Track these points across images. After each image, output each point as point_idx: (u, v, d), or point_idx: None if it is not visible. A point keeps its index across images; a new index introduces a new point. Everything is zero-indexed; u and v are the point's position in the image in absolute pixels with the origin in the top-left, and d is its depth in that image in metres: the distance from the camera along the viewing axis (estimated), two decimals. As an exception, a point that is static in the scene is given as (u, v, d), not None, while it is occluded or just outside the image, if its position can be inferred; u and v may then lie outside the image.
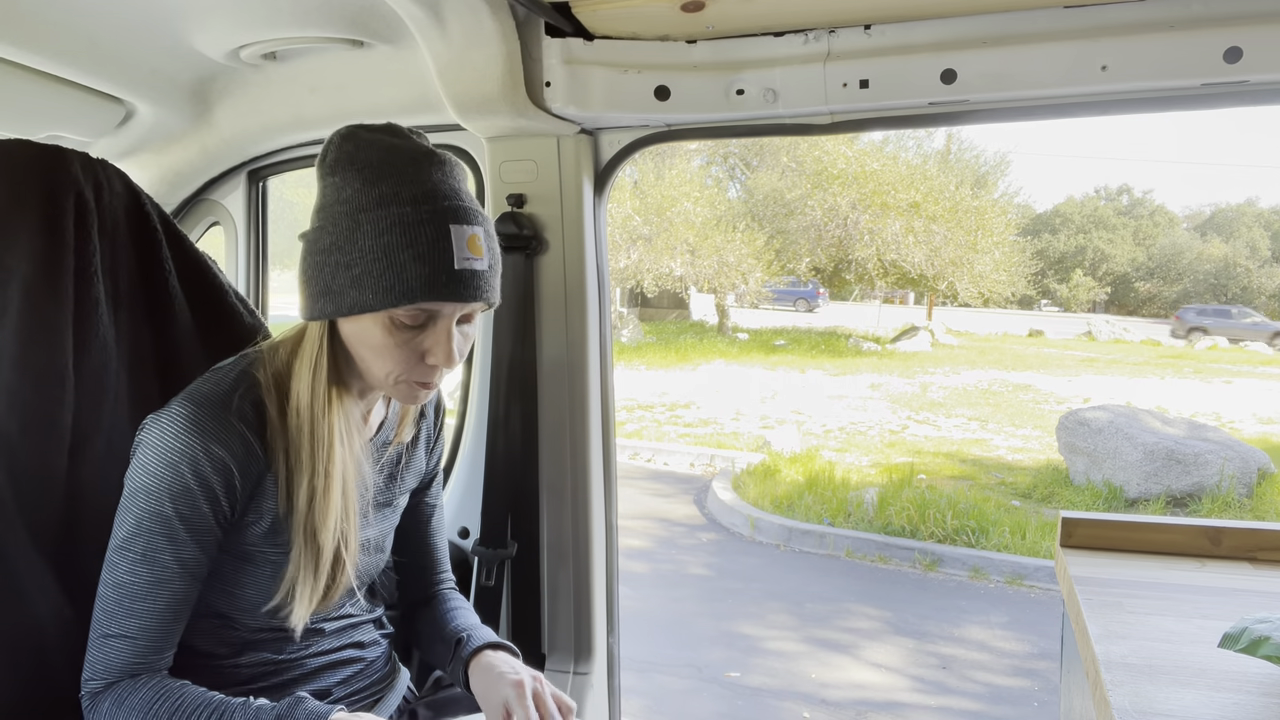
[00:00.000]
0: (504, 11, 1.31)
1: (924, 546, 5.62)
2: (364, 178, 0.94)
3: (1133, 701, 0.73)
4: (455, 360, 0.98)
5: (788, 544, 5.92)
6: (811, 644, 4.37)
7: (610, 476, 1.71)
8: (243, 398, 0.97)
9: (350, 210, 0.94)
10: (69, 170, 1.10)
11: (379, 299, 0.92)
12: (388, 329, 0.95)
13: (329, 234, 0.95)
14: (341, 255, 0.93)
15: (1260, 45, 1.15)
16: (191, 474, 0.93)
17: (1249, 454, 6.54)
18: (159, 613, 0.95)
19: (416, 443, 1.21)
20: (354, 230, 0.93)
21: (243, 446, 0.96)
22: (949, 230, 15.42)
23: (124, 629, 0.94)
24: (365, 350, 0.98)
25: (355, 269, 0.93)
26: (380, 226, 0.92)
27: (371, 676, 1.17)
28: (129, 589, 0.94)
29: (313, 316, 0.98)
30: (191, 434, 0.93)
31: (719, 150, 18.27)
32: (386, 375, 0.98)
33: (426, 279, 0.92)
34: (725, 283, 15.89)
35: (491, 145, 1.57)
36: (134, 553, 0.94)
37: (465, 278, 0.94)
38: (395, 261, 0.92)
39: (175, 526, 0.94)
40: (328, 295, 0.95)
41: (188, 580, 0.97)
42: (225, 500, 0.96)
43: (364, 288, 0.93)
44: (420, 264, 0.92)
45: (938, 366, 14.25)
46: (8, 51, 1.30)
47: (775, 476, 7.13)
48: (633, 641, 4.18)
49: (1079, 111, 1.32)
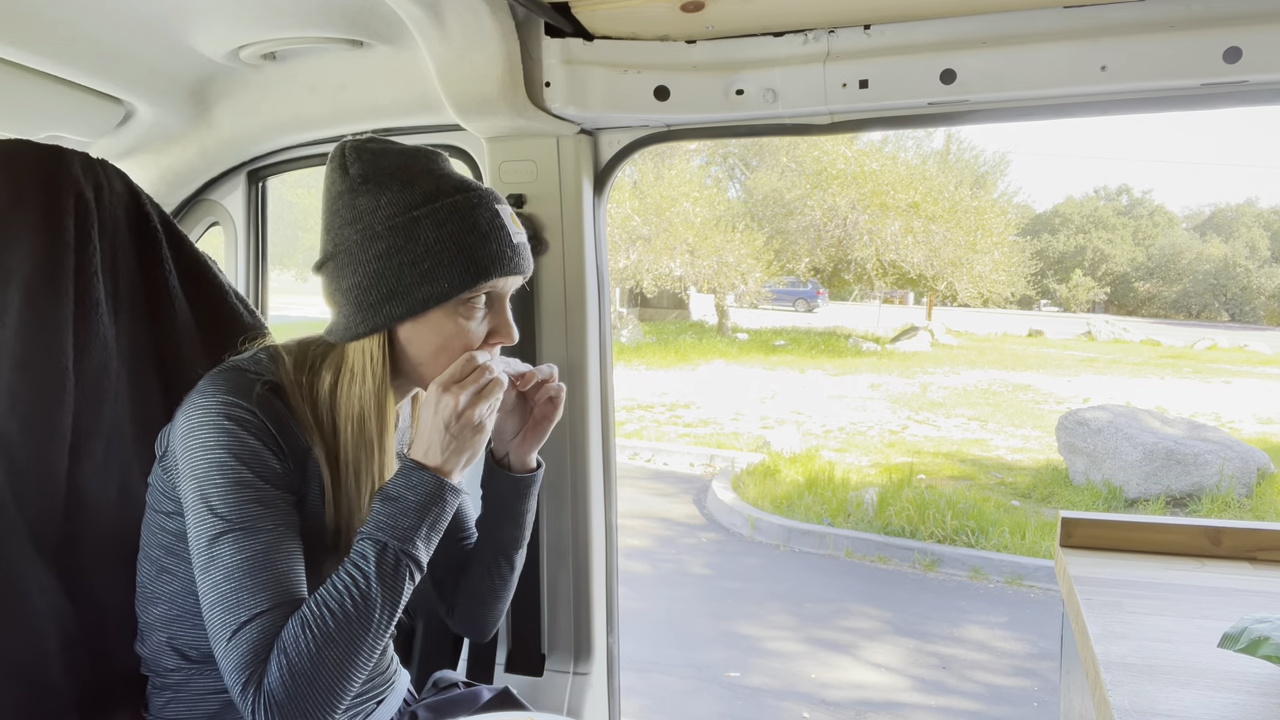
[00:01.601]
0: (504, 11, 1.31)
1: (924, 546, 5.62)
2: (399, 180, 0.98)
3: (1132, 701, 0.73)
4: (515, 337, 1.03)
5: (787, 544, 5.92)
6: (811, 644, 4.37)
7: (610, 476, 1.71)
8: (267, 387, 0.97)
9: (400, 211, 0.96)
10: (69, 170, 1.10)
11: (454, 285, 0.96)
12: (455, 317, 0.98)
13: (382, 239, 0.96)
14: (404, 255, 0.96)
15: (1260, 45, 1.15)
16: (249, 434, 0.92)
17: (1249, 454, 6.55)
18: (284, 577, 0.91)
19: None
20: (412, 228, 0.96)
21: (276, 418, 0.95)
22: (948, 230, 15.42)
23: (255, 607, 0.88)
24: (429, 350, 0.99)
25: (424, 264, 0.96)
26: (439, 218, 0.96)
27: (373, 676, 1.17)
28: (245, 567, 0.89)
29: (375, 327, 0.98)
30: (234, 405, 0.93)
31: (718, 150, 18.26)
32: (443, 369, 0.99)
33: (494, 256, 0.98)
34: (725, 283, 15.89)
35: (491, 145, 1.57)
36: (234, 530, 0.90)
37: (522, 250, 1.02)
38: (465, 245, 0.96)
39: (261, 487, 0.92)
40: (394, 298, 0.96)
41: (294, 539, 0.94)
42: (281, 461, 0.95)
43: (436, 279, 0.96)
44: (486, 243, 0.98)
45: (937, 366, 14.25)
46: (8, 51, 1.30)
47: (775, 476, 7.13)
48: (633, 641, 4.18)
49: (1079, 111, 1.32)
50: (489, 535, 1.21)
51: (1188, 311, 32.36)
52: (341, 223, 0.99)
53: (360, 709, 1.14)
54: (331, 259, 1.00)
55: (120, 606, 1.07)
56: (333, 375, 1.01)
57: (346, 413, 0.99)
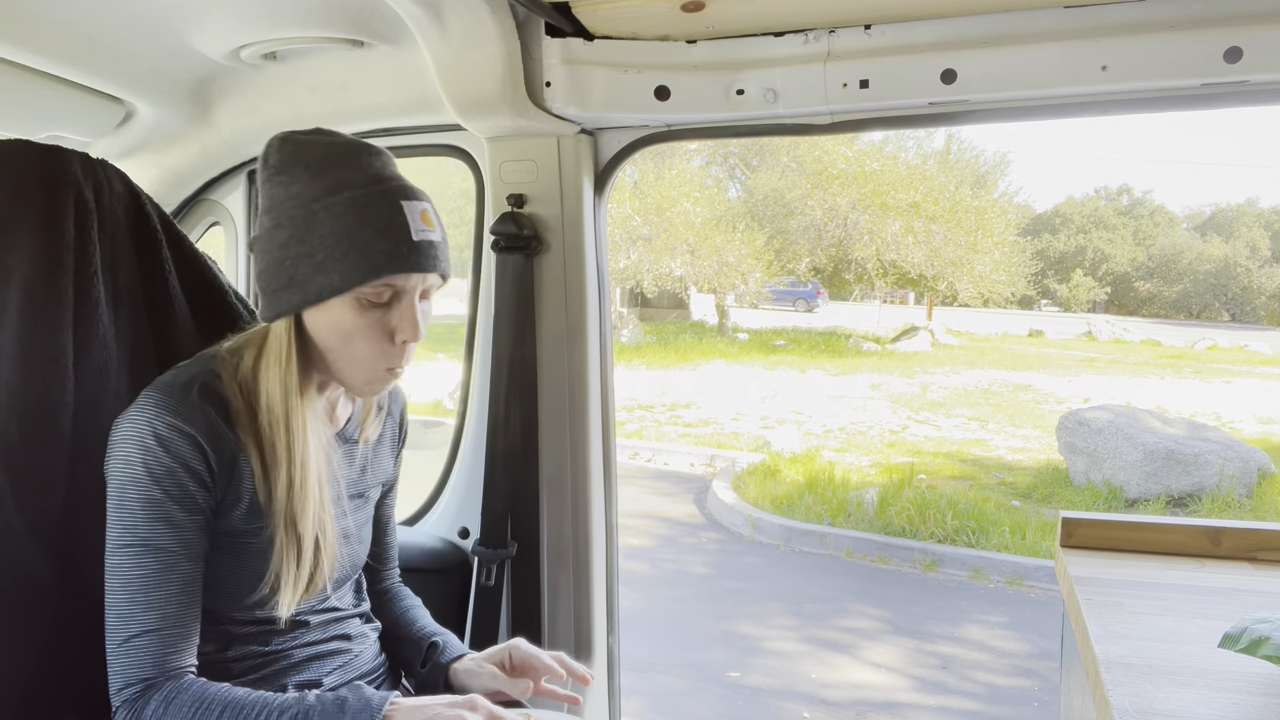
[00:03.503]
0: (504, 11, 1.31)
1: (924, 546, 5.62)
2: (310, 172, 0.99)
3: (1133, 701, 0.73)
4: (421, 333, 1.02)
5: (788, 544, 5.92)
6: (811, 644, 4.37)
7: (610, 476, 1.71)
8: (203, 387, 1.00)
9: (303, 202, 0.97)
10: (69, 170, 1.10)
11: (346, 279, 0.96)
12: (356, 310, 0.99)
13: (284, 229, 0.98)
14: (301, 245, 0.97)
15: (1260, 45, 1.15)
16: (167, 453, 0.95)
17: (1249, 454, 6.54)
18: (175, 598, 0.96)
19: (382, 440, 1.23)
20: (310, 219, 0.97)
21: (209, 425, 0.98)
22: (949, 230, 15.41)
23: (145, 624, 0.94)
24: (335, 339, 1.00)
25: (318, 255, 0.96)
26: (336, 210, 0.96)
27: (361, 668, 1.17)
28: (139, 583, 0.95)
29: (278, 313, 1.00)
30: (159, 416, 0.96)
31: (719, 150, 18.26)
32: (356, 362, 1.01)
33: (389, 253, 0.97)
34: (725, 283, 15.89)
35: (491, 145, 1.57)
36: (136, 545, 0.95)
37: (424, 248, 0.99)
38: (357, 240, 0.96)
39: (169, 508, 0.96)
40: (292, 287, 0.98)
41: (193, 562, 0.98)
42: (207, 475, 0.98)
43: (329, 271, 0.96)
44: (381, 239, 0.96)
45: (938, 366, 14.24)
46: (8, 51, 1.30)
47: (775, 476, 7.13)
48: (633, 641, 4.18)
49: (1079, 111, 1.32)
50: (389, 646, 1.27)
51: (1188, 311, 32.35)
52: (261, 210, 1.02)
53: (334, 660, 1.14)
54: (253, 246, 1.04)
55: None
56: (253, 355, 1.03)
57: (262, 390, 1.01)
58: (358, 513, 1.17)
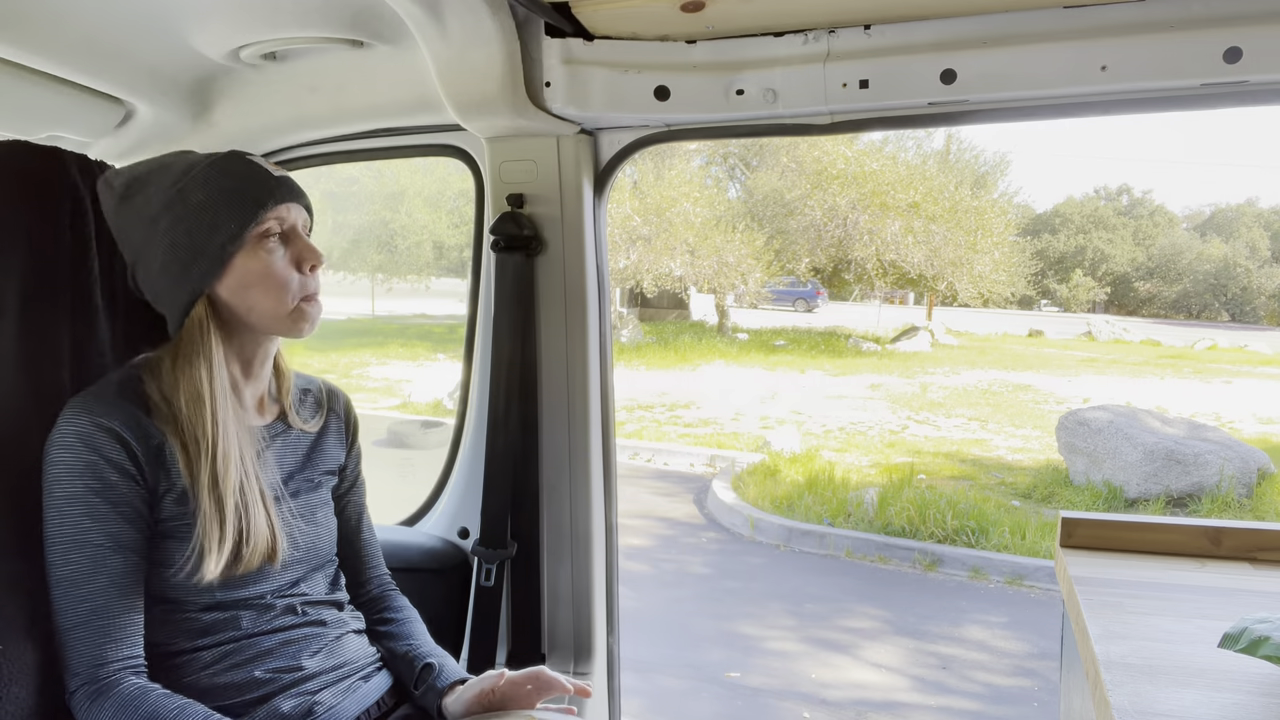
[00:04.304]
0: (504, 11, 1.31)
1: (924, 547, 5.62)
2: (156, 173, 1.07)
3: (1133, 701, 0.73)
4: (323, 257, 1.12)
5: (788, 544, 5.92)
6: (811, 644, 4.37)
7: (610, 476, 1.71)
8: (123, 387, 1.04)
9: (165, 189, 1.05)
10: (66, 172, 1.11)
11: (240, 223, 1.04)
12: (260, 251, 1.06)
13: (162, 218, 1.05)
14: (186, 221, 1.04)
15: (1260, 45, 1.15)
16: (89, 449, 0.99)
17: (1249, 454, 6.54)
18: (103, 591, 0.99)
19: (326, 432, 1.26)
20: (182, 197, 1.04)
21: (132, 419, 1.02)
22: (948, 230, 15.41)
23: (78, 617, 0.98)
24: (250, 292, 1.06)
25: (205, 218, 1.04)
26: (199, 179, 1.05)
27: (345, 658, 1.17)
28: (70, 578, 0.99)
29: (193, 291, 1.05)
30: (80, 416, 1.00)
31: (719, 150, 18.26)
32: (277, 303, 1.07)
33: (264, 188, 1.06)
34: (725, 283, 15.88)
35: (491, 145, 1.57)
36: (64, 542, 0.99)
37: (287, 182, 1.10)
38: (232, 191, 1.05)
39: (92, 501, 0.99)
40: (197, 258, 1.04)
41: (123, 556, 1.00)
42: (132, 467, 1.01)
43: (222, 223, 1.04)
44: (250, 182, 1.06)
45: (937, 367, 14.24)
46: (8, 51, 1.30)
47: (775, 476, 7.13)
48: (633, 641, 4.18)
49: (1079, 111, 1.31)
50: None
51: (1188, 311, 32.36)
52: (129, 229, 1.08)
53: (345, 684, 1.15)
54: (138, 262, 1.08)
55: None
56: (171, 356, 1.07)
57: (184, 387, 1.05)
58: (307, 497, 1.19)
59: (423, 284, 19.82)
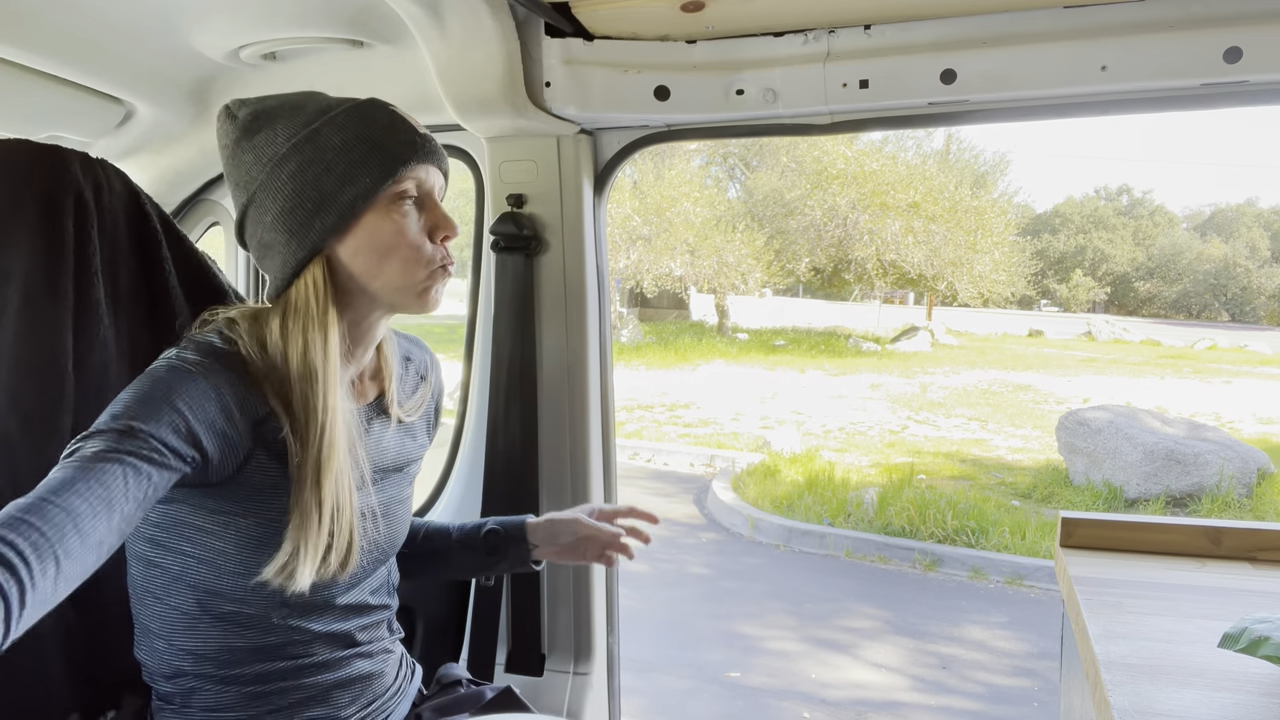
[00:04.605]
0: (504, 11, 1.31)
1: (924, 547, 5.62)
2: (287, 108, 0.98)
3: (1133, 701, 0.73)
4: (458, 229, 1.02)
5: (788, 544, 5.92)
6: (811, 644, 4.37)
7: (610, 476, 1.71)
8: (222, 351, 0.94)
9: (297, 129, 0.95)
10: (68, 170, 1.10)
11: (375, 179, 0.94)
12: (391, 215, 0.96)
13: (290, 160, 0.94)
14: (317, 166, 0.94)
15: (1260, 45, 1.15)
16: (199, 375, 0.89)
17: (1249, 454, 6.54)
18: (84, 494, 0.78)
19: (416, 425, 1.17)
20: (314, 139, 0.95)
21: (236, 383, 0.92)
22: (948, 230, 15.42)
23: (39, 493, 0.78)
24: (378, 258, 0.96)
25: (339, 167, 0.94)
26: (338, 123, 0.95)
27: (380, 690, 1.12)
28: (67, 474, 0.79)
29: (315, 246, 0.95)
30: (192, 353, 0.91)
31: (719, 150, 18.26)
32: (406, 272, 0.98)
33: (406, 144, 0.96)
34: (725, 283, 15.89)
35: (491, 145, 1.57)
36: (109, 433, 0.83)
37: (430, 140, 1.00)
38: (372, 139, 0.95)
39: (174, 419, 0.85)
40: (321, 210, 0.94)
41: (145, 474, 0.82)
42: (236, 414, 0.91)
43: (356, 178, 0.94)
44: (394, 133, 0.96)
45: (937, 366, 14.24)
46: (8, 51, 1.30)
47: (775, 476, 7.13)
48: (633, 641, 4.18)
49: (1079, 111, 1.31)
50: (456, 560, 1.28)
51: (1188, 311, 32.38)
52: (247, 166, 0.97)
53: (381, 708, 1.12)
54: (250, 205, 0.97)
55: (121, 608, 1.07)
56: (279, 319, 0.96)
57: (294, 350, 0.94)
58: (392, 489, 1.11)
59: (423, 284, 19.78)
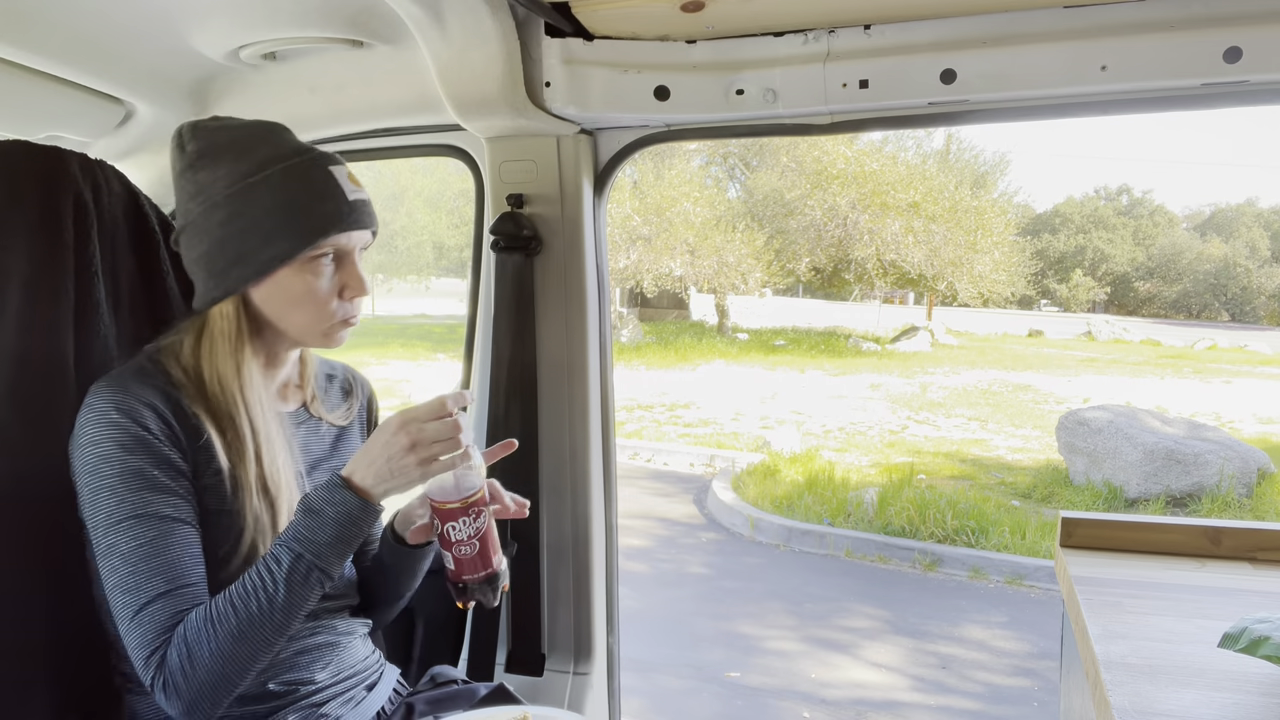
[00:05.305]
0: (504, 11, 1.31)
1: (924, 546, 5.62)
2: (233, 152, 1.01)
3: (1133, 701, 0.73)
4: (368, 287, 1.08)
5: (788, 544, 5.92)
6: (811, 644, 4.37)
7: (610, 476, 1.71)
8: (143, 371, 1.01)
9: (236, 180, 1.00)
10: (68, 171, 1.10)
11: (294, 245, 1.00)
12: (304, 274, 1.02)
13: (221, 208, 1.00)
14: (244, 220, 0.99)
15: (1260, 45, 1.15)
16: (133, 422, 0.96)
17: (1249, 454, 6.54)
18: (179, 559, 0.95)
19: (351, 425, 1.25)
20: (248, 194, 0.99)
21: (166, 400, 0.99)
22: (948, 230, 15.42)
23: (156, 588, 0.93)
24: (287, 307, 1.03)
25: (264, 226, 0.99)
26: (273, 183, 1.00)
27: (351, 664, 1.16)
28: (141, 553, 0.94)
29: (227, 291, 1.02)
30: (112, 396, 0.97)
31: (719, 150, 18.26)
32: (312, 323, 1.04)
33: (331, 214, 1.02)
34: (725, 283, 15.89)
35: (491, 145, 1.57)
36: (128, 518, 0.94)
37: (359, 206, 1.05)
38: (299, 207, 1.00)
39: (151, 474, 0.96)
40: (241, 262, 1.00)
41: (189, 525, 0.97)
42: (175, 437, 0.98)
43: (276, 240, 1.00)
44: (322, 203, 1.02)
45: (937, 366, 14.24)
46: (8, 51, 1.30)
47: (775, 476, 7.13)
48: (633, 641, 4.18)
49: (1079, 111, 1.31)
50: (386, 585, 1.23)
51: (1188, 311, 32.39)
52: (186, 197, 1.04)
53: (350, 695, 1.14)
54: (183, 232, 1.05)
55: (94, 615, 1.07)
56: (193, 339, 1.05)
57: (209, 374, 1.03)
58: None
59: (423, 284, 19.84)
